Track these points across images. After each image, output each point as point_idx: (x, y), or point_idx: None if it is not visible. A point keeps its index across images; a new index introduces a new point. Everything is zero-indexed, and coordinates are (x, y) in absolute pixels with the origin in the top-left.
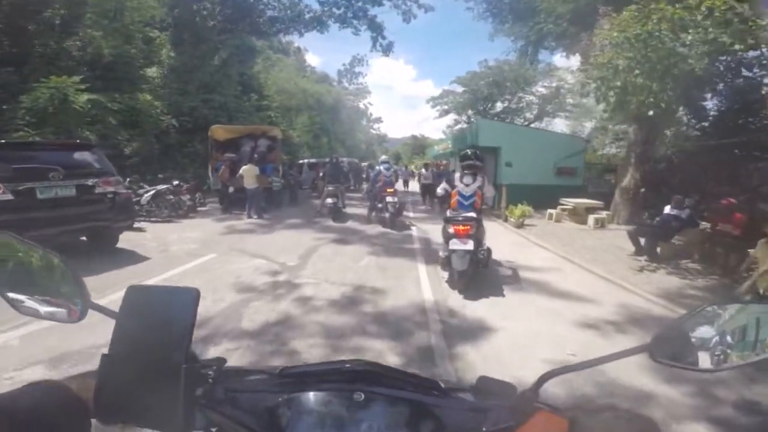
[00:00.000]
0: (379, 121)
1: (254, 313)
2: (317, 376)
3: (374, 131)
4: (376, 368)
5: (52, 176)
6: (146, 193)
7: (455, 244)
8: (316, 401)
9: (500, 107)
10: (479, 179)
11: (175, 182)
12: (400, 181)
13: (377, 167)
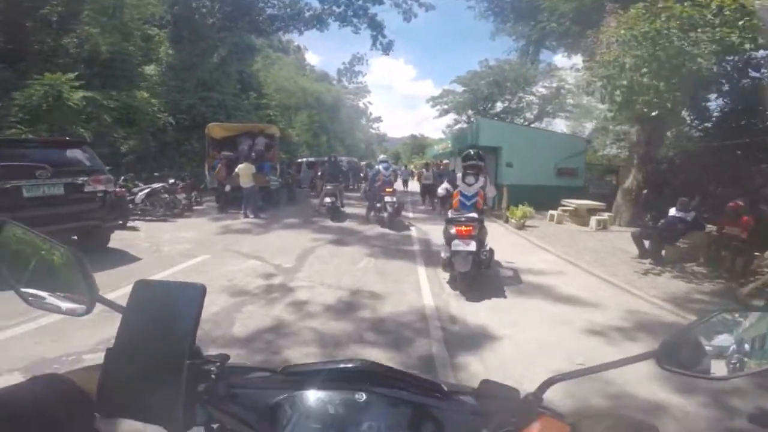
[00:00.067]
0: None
1: (247, 318)
2: (319, 375)
3: (374, 130)
4: (378, 369)
5: (39, 174)
6: (141, 191)
7: (457, 245)
8: (317, 400)
9: (500, 107)
10: (481, 179)
11: (171, 180)
12: (399, 180)
13: (376, 167)
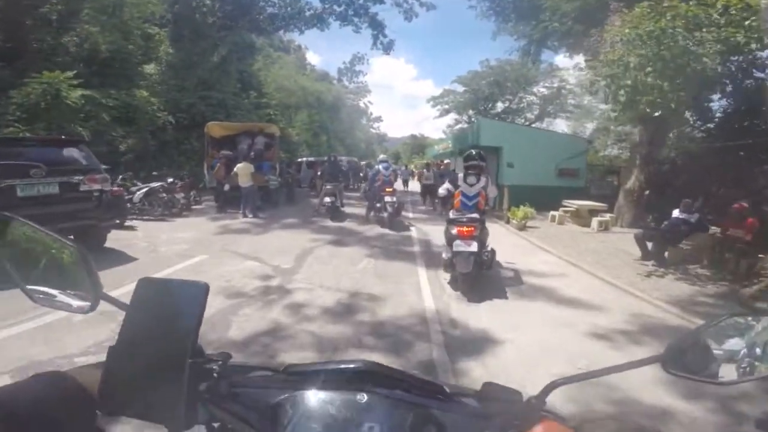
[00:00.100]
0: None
1: (243, 321)
2: (321, 375)
3: (374, 130)
4: (380, 369)
5: (33, 173)
6: (139, 190)
7: (459, 245)
8: (318, 400)
9: (501, 107)
10: (483, 179)
11: (169, 180)
12: (399, 180)
13: (376, 166)
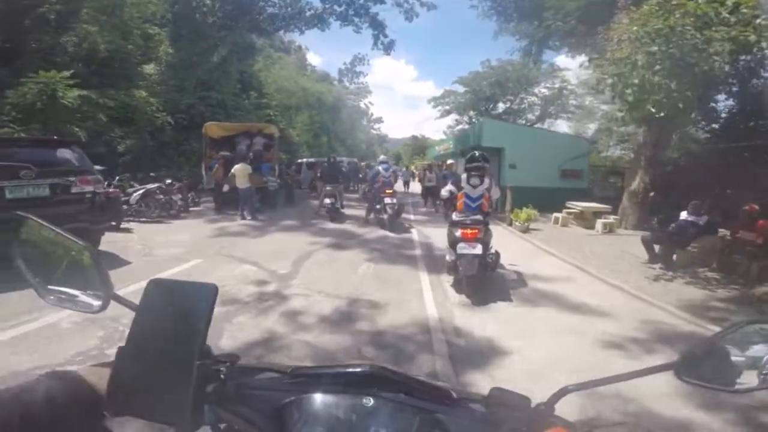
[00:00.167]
0: (379, 121)
1: (236, 330)
2: (328, 378)
3: (375, 131)
4: (387, 373)
5: (23, 174)
6: (135, 192)
7: (463, 248)
8: (324, 404)
9: (502, 108)
10: (486, 181)
11: (168, 181)
12: (399, 182)
13: (376, 167)
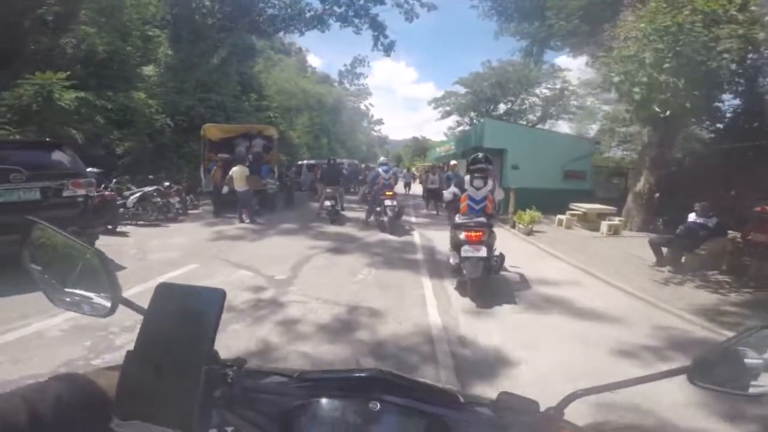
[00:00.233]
0: (380, 122)
1: (230, 339)
2: (334, 382)
3: (375, 133)
4: (393, 378)
5: (13, 177)
6: (132, 195)
7: (467, 251)
8: (331, 408)
9: (503, 109)
10: (490, 183)
11: (166, 183)
12: (400, 183)
13: (376, 169)
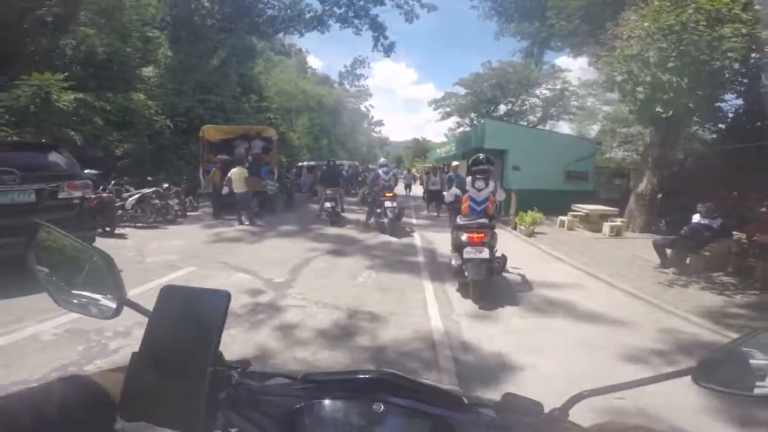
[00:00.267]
0: (380, 124)
1: (227, 344)
2: (338, 384)
3: (375, 134)
4: (397, 379)
5: (7, 180)
6: (131, 197)
7: (470, 252)
8: (334, 410)
9: (503, 110)
10: (491, 184)
11: (165, 185)
12: (401, 185)
13: (376, 170)
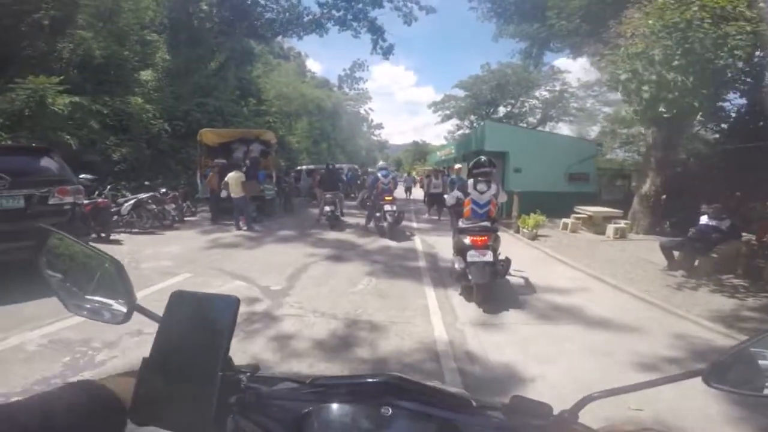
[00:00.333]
0: (380, 127)
1: None
2: (346, 388)
3: (375, 137)
4: (405, 383)
5: None
6: (126, 202)
7: (473, 255)
8: (343, 414)
9: (503, 112)
10: (494, 186)
11: (162, 190)
12: (401, 188)
13: (376, 173)
